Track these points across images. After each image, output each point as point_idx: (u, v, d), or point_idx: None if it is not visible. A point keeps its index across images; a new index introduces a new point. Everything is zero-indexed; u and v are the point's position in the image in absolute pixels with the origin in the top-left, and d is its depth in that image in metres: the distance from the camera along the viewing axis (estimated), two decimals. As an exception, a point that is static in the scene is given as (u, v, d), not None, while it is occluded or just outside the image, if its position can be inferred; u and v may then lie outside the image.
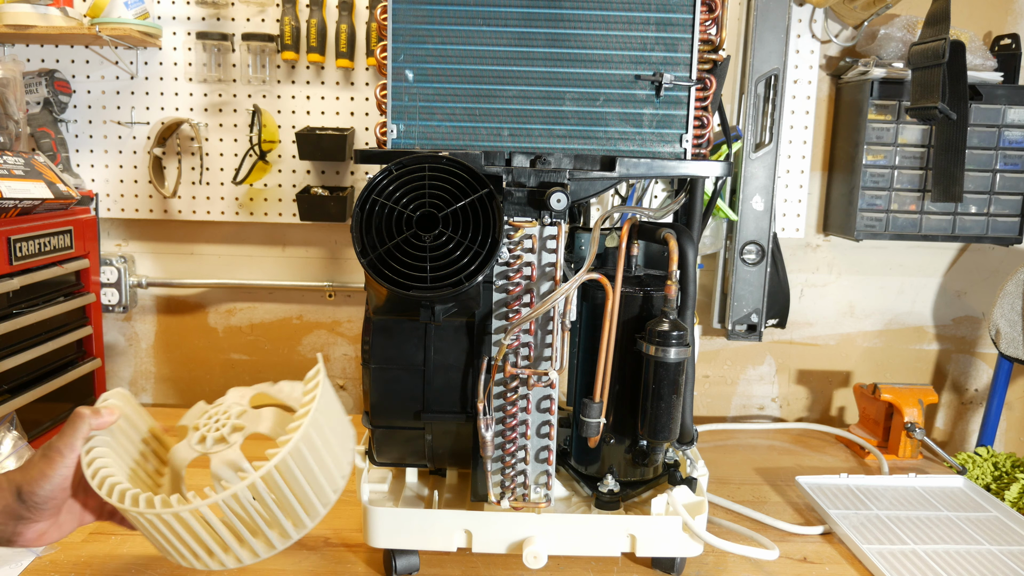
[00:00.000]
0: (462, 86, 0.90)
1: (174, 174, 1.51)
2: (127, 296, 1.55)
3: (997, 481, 1.26)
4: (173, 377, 1.63)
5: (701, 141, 0.92)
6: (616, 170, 0.89)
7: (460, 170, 0.82)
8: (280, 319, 1.61)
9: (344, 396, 1.65)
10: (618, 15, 0.89)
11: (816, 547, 1.06)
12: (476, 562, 0.99)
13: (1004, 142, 1.41)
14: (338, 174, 1.51)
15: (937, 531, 1.09)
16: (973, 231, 1.44)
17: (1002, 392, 1.47)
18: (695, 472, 1.01)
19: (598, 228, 0.91)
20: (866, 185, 1.43)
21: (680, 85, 0.90)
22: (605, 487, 0.99)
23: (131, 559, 0.96)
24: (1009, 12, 1.53)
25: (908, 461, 1.39)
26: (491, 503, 0.94)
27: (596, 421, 0.91)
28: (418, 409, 0.92)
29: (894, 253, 1.61)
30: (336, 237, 1.58)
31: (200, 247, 1.58)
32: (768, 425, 1.59)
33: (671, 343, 0.89)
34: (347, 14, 1.41)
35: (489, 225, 0.81)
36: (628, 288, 0.96)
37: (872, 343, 1.65)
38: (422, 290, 0.80)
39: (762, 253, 1.45)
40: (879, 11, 1.41)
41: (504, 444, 0.92)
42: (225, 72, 1.47)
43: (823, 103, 1.55)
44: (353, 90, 1.48)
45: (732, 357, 1.64)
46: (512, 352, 0.90)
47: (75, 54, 1.48)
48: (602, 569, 0.98)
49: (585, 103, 0.91)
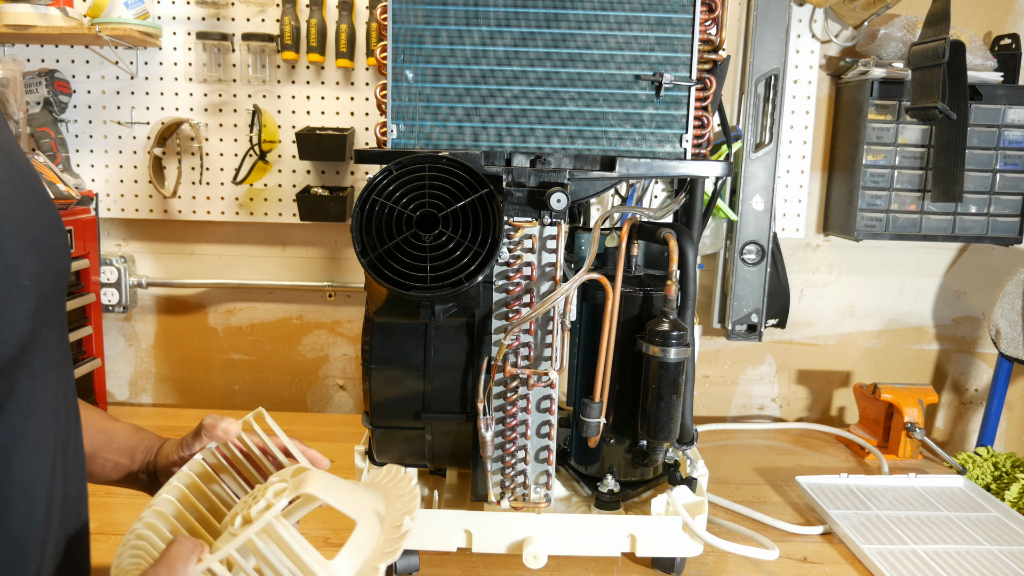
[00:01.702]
0: (462, 86, 0.90)
1: (174, 174, 1.51)
2: (127, 296, 1.55)
3: (997, 481, 1.26)
4: (173, 377, 1.63)
5: (701, 141, 0.92)
6: (616, 170, 0.89)
7: (460, 170, 0.82)
8: (280, 319, 1.61)
9: (344, 396, 1.65)
10: (618, 15, 0.89)
11: (816, 547, 1.06)
12: (476, 562, 0.99)
13: (1004, 142, 1.41)
14: (338, 174, 1.51)
15: (937, 531, 1.09)
16: (973, 231, 1.44)
17: (1002, 392, 1.46)
18: (695, 472, 1.01)
19: (598, 228, 0.91)
20: (866, 185, 1.43)
21: (680, 85, 0.90)
22: (605, 487, 0.99)
23: None
24: (1009, 12, 1.53)
25: (908, 461, 1.39)
26: (491, 503, 0.94)
27: (596, 421, 0.91)
28: (418, 409, 0.92)
29: (894, 253, 1.60)
30: (336, 237, 1.58)
31: (200, 247, 1.58)
32: (768, 425, 1.59)
33: (671, 343, 0.89)
34: (347, 14, 1.41)
35: (489, 225, 0.81)
36: (628, 288, 0.96)
37: (872, 343, 1.65)
38: (422, 290, 0.80)
39: (762, 253, 1.45)
40: (879, 11, 1.41)
41: (504, 444, 0.92)
42: (225, 72, 1.47)
43: (823, 103, 1.55)
44: (353, 90, 1.48)
45: (732, 357, 1.64)
46: (512, 352, 0.90)
47: (75, 54, 1.48)
48: (602, 569, 0.98)
49: (585, 103, 0.91)
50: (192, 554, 0.58)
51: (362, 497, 0.68)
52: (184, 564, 0.58)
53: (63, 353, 0.60)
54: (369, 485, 0.73)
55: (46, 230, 0.56)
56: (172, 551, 0.58)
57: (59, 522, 0.59)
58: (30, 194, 0.56)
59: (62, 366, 0.59)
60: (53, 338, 0.57)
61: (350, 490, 0.68)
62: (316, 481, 0.65)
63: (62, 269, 0.59)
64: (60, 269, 0.58)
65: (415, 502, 0.68)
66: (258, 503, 0.63)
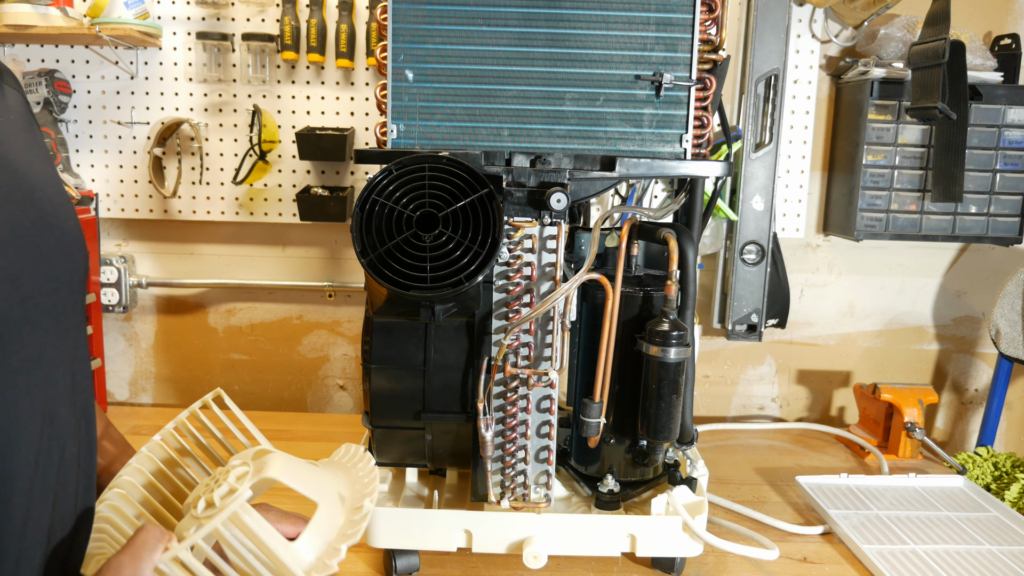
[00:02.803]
0: (462, 86, 0.90)
1: (174, 174, 1.51)
2: (127, 296, 1.55)
3: (997, 481, 1.26)
4: (173, 377, 1.63)
5: (701, 141, 0.92)
6: (616, 170, 0.89)
7: (460, 170, 0.82)
8: (280, 319, 1.61)
9: (344, 396, 1.65)
10: (618, 15, 0.89)
11: (816, 547, 1.06)
12: (476, 562, 0.99)
13: (1004, 142, 1.41)
14: (338, 174, 1.51)
15: (937, 531, 1.09)
16: (973, 231, 1.44)
17: (1002, 392, 1.46)
18: (695, 472, 1.01)
19: (598, 228, 0.91)
20: (866, 185, 1.43)
21: (680, 85, 0.90)
22: (605, 487, 0.99)
23: None
24: (1009, 12, 1.53)
25: (908, 461, 1.39)
26: (491, 503, 0.94)
27: (596, 421, 0.91)
28: (418, 409, 0.92)
29: (894, 253, 1.60)
30: (336, 237, 1.58)
31: (200, 247, 1.58)
32: (768, 425, 1.59)
33: (671, 343, 0.89)
34: (347, 14, 1.41)
35: (489, 225, 0.81)
36: (628, 288, 0.96)
37: (872, 343, 1.65)
38: (422, 290, 0.80)
39: (762, 253, 1.45)
40: (879, 11, 1.41)
41: (504, 444, 0.92)
42: (225, 72, 1.47)
43: (823, 103, 1.55)
44: (353, 90, 1.48)
45: (732, 357, 1.64)
46: (512, 352, 0.90)
47: (75, 54, 1.48)
48: (602, 569, 0.98)
49: (585, 103, 0.91)
50: (159, 543, 0.58)
51: (323, 479, 0.69)
52: (151, 552, 0.57)
53: (61, 357, 0.60)
54: (330, 465, 0.74)
55: (40, 232, 0.56)
56: (138, 539, 0.58)
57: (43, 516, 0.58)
58: (30, 209, 0.56)
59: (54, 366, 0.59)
60: (42, 339, 0.57)
61: (311, 472, 0.69)
62: (277, 464, 0.66)
63: (54, 273, 0.59)
64: (52, 272, 0.58)
65: (375, 484, 0.69)
66: (220, 487, 0.63)
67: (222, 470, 0.67)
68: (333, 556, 0.64)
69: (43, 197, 0.58)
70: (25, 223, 0.55)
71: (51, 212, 0.59)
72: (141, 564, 0.56)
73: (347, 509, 0.68)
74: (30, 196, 0.57)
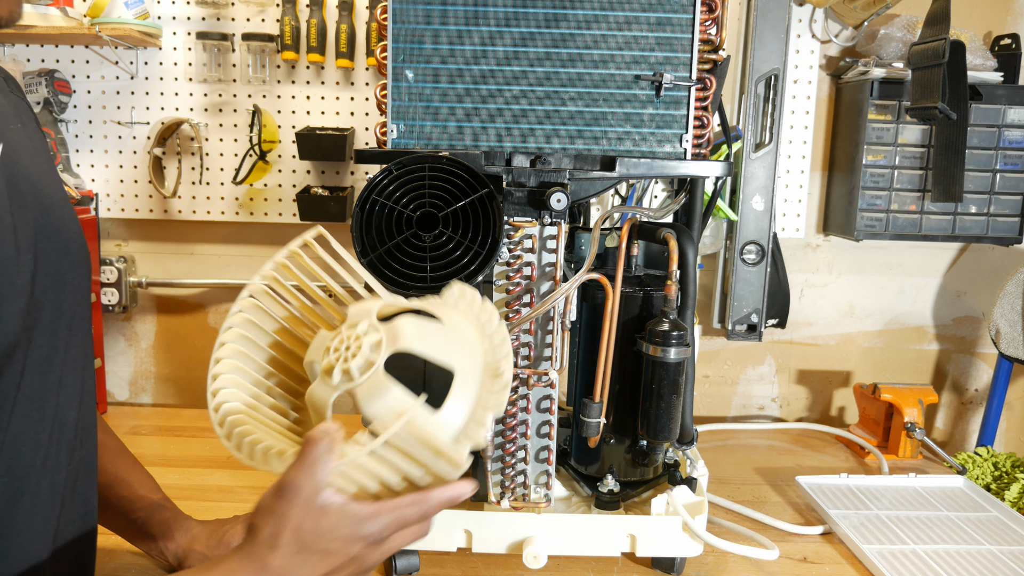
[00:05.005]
0: (462, 86, 0.90)
1: (174, 174, 1.51)
2: (127, 296, 1.55)
3: (997, 481, 1.26)
4: (173, 377, 1.63)
5: (701, 141, 0.92)
6: (616, 170, 0.89)
7: (460, 170, 0.82)
8: (280, 319, 1.61)
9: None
10: (618, 15, 0.89)
11: (816, 547, 1.06)
12: (476, 562, 0.99)
13: (1004, 142, 1.41)
14: (338, 174, 1.51)
15: (937, 531, 1.09)
16: (973, 231, 1.44)
17: (1002, 392, 1.46)
18: (695, 472, 1.01)
19: (598, 228, 0.91)
20: (866, 185, 1.43)
21: (680, 85, 0.90)
22: (605, 487, 0.99)
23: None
24: (1009, 12, 1.53)
25: (908, 461, 1.39)
26: (491, 503, 0.94)
27: (596, 421, 0.91)
28: (418, 409, 0.92)
29: (894, 253, 1.60)
30: (336, 237, 1.57)
31: (200, 247, 1.58)
32: (768, 425, 1.59)
33: (671, 343, 0.89)
34: (347, 14, 1.41)
35: (489, 225, 0.81)
36: (628, 288, 0.96)
37: (872, 343, 1.65)
38: (422, 290, 0.80)
39: (762, 253, 1.45)
40: (879, 11, 1.41)
41: (504, 444, 0.92)
42: (225, 72, 1.47)
43: (823, 103, 1.55)
44: (353, 90, 1.48)
45: (732, 357, 1.64)
46: (512, 352, 0.90)
47: (75, 54, 1.48)
48: (602, 569, 0.98)
49: (585, 103, 0.91)
50: (330, 452, 0.58)
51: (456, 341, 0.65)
52: (324, 465, 0.57)
53: (73, 360, 0.60)
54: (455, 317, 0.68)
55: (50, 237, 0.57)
56: (311, 454, 0.57)
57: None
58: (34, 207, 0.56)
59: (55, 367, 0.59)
60: (51, 343, 0.57)
61: (443, 335, 0.65)
62: (411, 333, 0.62)
63: (65, 275, 0.59)
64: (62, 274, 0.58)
65: (507, 344, 0.66)
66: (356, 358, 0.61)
67: (350, 331, 0.63)
68: (479, 427, 0.61)
69: (52, 205, 0.59)
70: (37, 231, 0.56)
71: (59, 219, 0.59)
72: (317, 479, 0.57)
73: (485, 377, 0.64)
74: (42, 204, 0.57)
